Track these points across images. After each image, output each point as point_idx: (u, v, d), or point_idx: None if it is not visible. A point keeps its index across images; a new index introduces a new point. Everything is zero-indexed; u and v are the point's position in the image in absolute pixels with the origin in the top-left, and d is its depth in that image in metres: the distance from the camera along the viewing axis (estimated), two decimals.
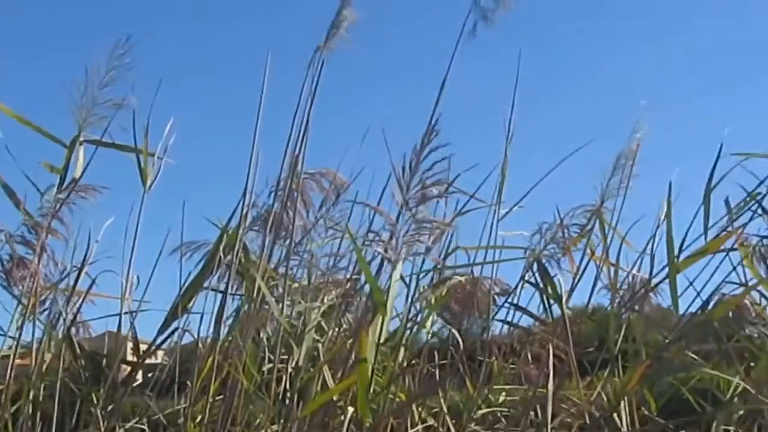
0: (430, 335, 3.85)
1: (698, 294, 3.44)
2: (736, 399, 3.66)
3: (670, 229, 3.34)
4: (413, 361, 3.75)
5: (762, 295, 3.44)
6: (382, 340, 2.95)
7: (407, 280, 3.51)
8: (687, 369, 3.51)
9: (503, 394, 3.76)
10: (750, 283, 3.44)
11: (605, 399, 3.45)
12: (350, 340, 3.23)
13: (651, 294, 3.70)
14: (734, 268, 3.40)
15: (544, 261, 3.80)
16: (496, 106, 3.96)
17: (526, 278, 3.79)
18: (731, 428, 3.63)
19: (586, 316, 3.93)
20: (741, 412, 3.66)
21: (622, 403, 3.36)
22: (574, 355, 3.46)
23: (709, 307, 3.37)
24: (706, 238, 3.53)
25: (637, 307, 3.77)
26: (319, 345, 3.53)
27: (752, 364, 3.69)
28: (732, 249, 3.44)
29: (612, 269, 3.77)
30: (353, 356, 3.05)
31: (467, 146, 3.99)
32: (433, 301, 3.65)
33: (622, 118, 3.87)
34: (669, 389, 3.82)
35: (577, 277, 3.79)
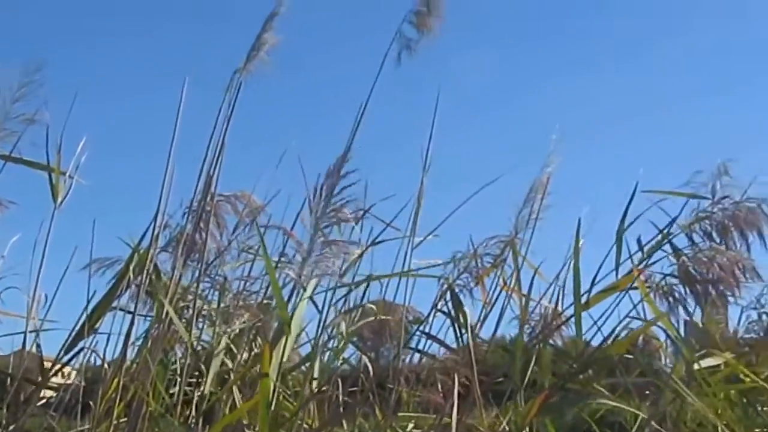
0: (341, 362, 3.85)
1: (599, 329, 3.53)
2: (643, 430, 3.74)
3: (577, 269, 3.41)
4: (324, 388, 3.74)
5: (663, 331, 3.52)
6: (289, 362, 2.94)
7: (320, 306, 3.52)
8: (587, 400, 3.57)
9: (411, 422, 3.77)
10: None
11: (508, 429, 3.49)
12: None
13: (563, 327, 3.76)
14: (635, 306, 3.49)
15: (456, 290, 3.85)
16: (414, 136, 4.01)
17: (439, 307, 3.83)
18: None
19: (497, 345, 3.98)
20: None
21: None
22: (484, 384, 3.50)
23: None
24: (617, 274, 3.63)
25: (550, 339, 3.83)
26: (230, 368, 3.51)
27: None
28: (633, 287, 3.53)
29: (523, 300, 3.83)
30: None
31: (384, 175, 4.03)
32: (344, 327, 3.65)
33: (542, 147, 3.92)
34: (579, 420, 3.89)
35: (489, 306, 3.84)
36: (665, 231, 3.61)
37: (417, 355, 4.06)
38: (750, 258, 3.66)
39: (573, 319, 3.67)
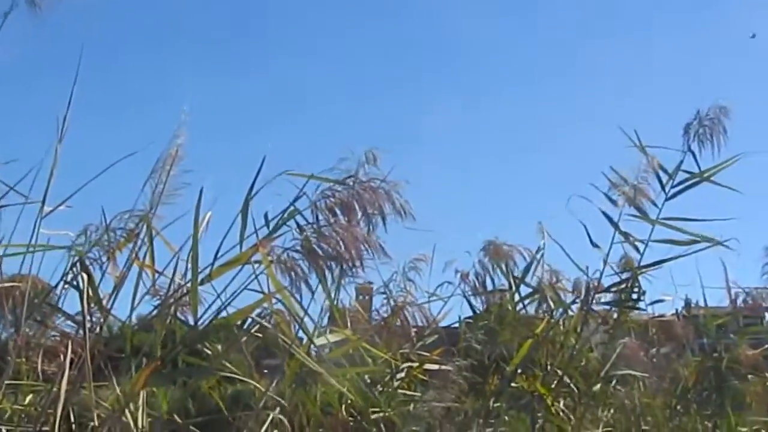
0: None
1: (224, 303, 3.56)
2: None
3: (195, 241, 3.43)
4: None
5: (281, 303, 3.60)
6: None
7: None
8: (203, 373, 3.60)
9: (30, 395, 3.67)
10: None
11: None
12: None
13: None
14: (255, 277, 3.54)
15: (88, 263, 3.77)
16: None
17: (68, 279, 3.74)
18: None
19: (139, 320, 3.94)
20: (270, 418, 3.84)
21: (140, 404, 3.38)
22: (103, 356, 3.47)
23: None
24: (241, 247, 3.68)
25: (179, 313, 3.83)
26: None
27: None
28: (258, 261, 3.59)
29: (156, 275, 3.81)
30: None
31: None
32: None
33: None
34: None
35: (120, 281, 3.79)
36: (292, 207, 3.70)
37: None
38: (375, 236, 3.82)
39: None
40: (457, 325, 5.04)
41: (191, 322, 3.83)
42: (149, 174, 3.72)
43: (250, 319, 3.79)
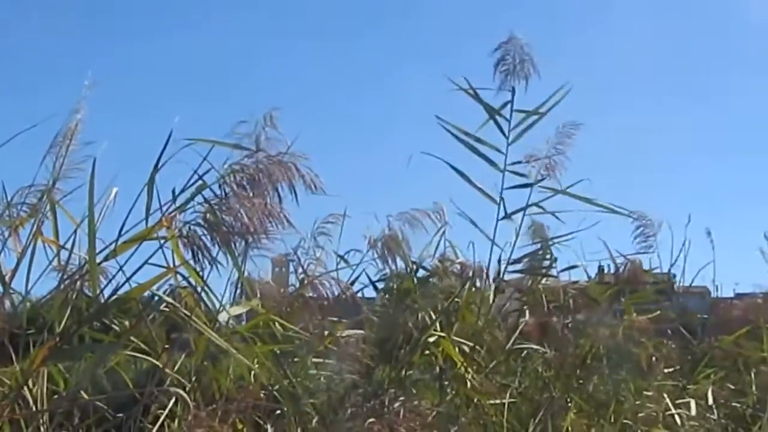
0: None
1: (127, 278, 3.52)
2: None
3: (92, 213, 3.38)
4: None
5: (184, 277, 3.58)
6: None
7: None
8: (109, 350, 3.57)
9: None
10: None
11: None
12: None
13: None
14: (160, 248, 3.51)
15: None
16: None
17: None
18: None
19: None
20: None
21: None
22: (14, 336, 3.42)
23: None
24: (147, 223, 3.64)
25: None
26: None
27: None
28: (165, 238, 3.56)
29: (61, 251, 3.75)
30: None
31: None
32: None
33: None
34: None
35: (22, 257, 3.72)
36: (198, 180, 3.66)
37: None
38: (281, 207, 3.81)
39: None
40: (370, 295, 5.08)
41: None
42: (48, 148, 3.65)
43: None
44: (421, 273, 5.01)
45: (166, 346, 3.85)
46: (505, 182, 5.18)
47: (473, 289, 5.00)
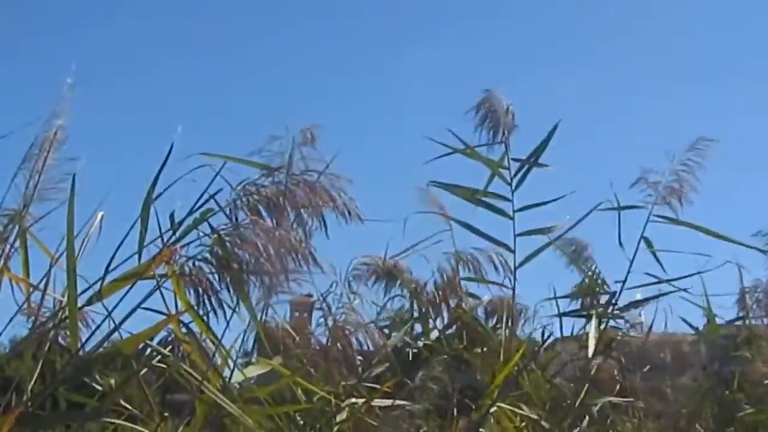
0: None
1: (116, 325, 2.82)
2: None
3: (71, 244, 2.68)
4: None
5: (185, 325, 2.87)
6: None
7: None
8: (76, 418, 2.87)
9: None
10: None
11: None
12: None
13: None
14: (156, 289, 2.81)
15: None
16: None
17: None
18: None
19: None
20: None
21: None
22: None
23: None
24: (140, 257, 2.93)
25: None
26: None
27: None
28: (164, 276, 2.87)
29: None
30: None
31: None
32: None
33: None
34: None
35: None
36: (204, 206, 2.96)
37: None
38: (307, 242, 3.09)
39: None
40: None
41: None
42: (20, 163, 2.94)
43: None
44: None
45: (164, 413, 3.11)
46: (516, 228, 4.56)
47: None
